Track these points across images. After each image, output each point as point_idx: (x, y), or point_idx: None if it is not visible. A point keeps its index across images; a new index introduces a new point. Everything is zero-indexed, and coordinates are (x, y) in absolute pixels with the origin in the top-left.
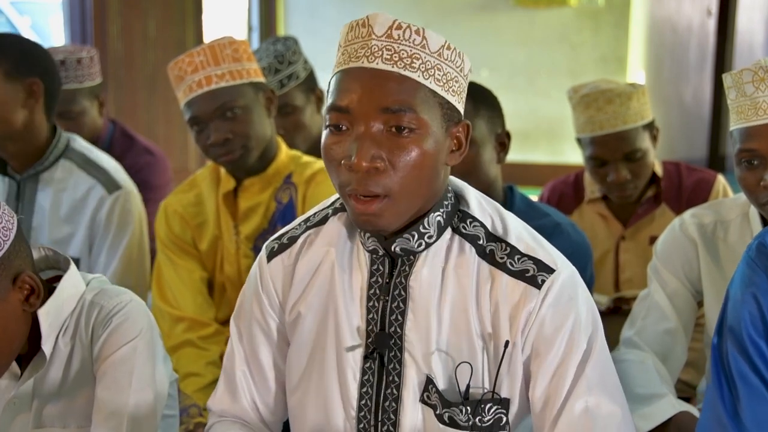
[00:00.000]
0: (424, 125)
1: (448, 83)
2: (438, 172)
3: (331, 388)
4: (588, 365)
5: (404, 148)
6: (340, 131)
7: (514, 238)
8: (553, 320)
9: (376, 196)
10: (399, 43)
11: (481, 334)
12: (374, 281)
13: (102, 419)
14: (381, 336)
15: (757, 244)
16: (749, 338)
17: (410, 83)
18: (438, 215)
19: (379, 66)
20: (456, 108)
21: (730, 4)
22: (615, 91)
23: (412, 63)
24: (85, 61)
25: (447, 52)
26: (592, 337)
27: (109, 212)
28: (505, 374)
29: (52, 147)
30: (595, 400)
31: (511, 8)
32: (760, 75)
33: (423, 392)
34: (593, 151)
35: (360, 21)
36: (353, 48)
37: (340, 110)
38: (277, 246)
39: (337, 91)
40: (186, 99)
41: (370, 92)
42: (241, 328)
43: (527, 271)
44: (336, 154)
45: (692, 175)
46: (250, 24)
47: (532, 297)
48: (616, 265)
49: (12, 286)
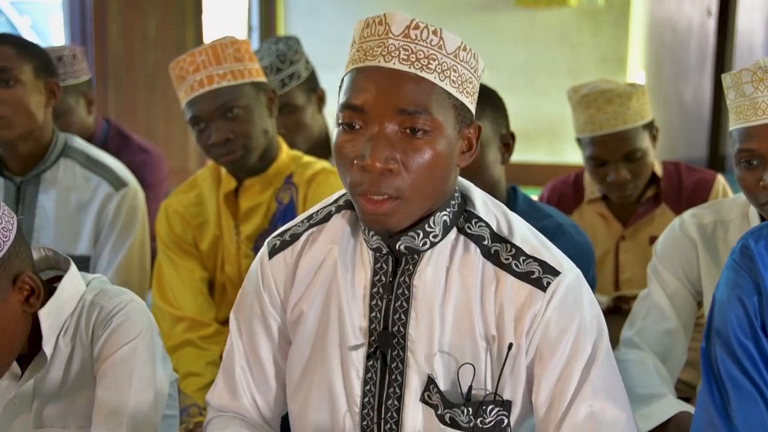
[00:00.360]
0: (438, 127)
1: (462, 84)
2: (449, 173)
3: (335, 386)
4: (593, 369)
5: (418, 150)
6: (354, 130)
7: (519, 239)
8: (558, 323)
9: (388, 197)
10: (416, 43)
11: (485, 335)
12: (377, 279)
13: (102, 419)
14: (384, 335)
15: (740, 247)
16: (737, 340)
17: (426, 84)
18: (444, 215)
19: (395, 66)
20: (469, 109)
21: (730, 4)
22: (615, 91)
23: (429, 64)
24: (66, 59)
25: (463, 53)
26: (597, 341)
27: (117, 209)
28: (508, 376)
29: (52, 146)
30: (600, 404)
31: (511, 8)
32: (759, 75)
33: (424, 392)
34: (593, 151)
35: (377, 19)
36: (369, 46)
37: (354, 109)
38: (279, 243)
39: (352, 89)
40: (187, 98)
41: (385, 92)
42: (240, 323)
43: (532, 272)
44: (348, 152)
45: (692, 175)
46: (250, 24)
47: (537, 299)
48: (616, 265)
49: (12, 286)
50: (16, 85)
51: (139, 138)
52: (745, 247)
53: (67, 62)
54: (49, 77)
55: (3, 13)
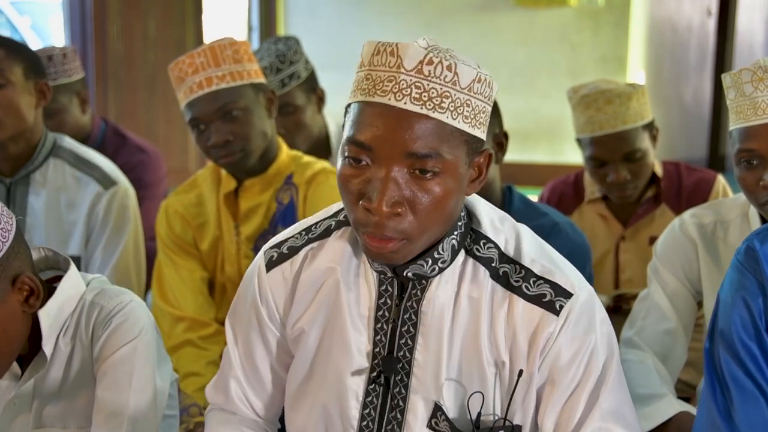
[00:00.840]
0: (448, 167)
1: (475, 117)
2: (458, 206)
3: (332, 409)
4: (602, 392)
5: (426, 191)
6: (360, 165)
7: (528, 260)
8: (571, 347)
9: (394, 238)
10: (429, 81)
11: (494, 361)
12: (383, 303)
13: (102, 419)
14: (389, 359)
15: (745, 248)
16: (740, 342)
17: (438, 125)
18: (452, 238)
19: (407, 106)
20: (481, 139)
21: (730, 4)
22: (615, 91)
23: (442, 103)
24: (57, 59)
25: (477, 86)
26: (608, 361)
27: (107, 208)
28: (519, 402)
29: (40, 146)
30: (609, 428)
31: (511, 8)
32: (759, 75)
33: (431, 419)
34: (593, 151)
35: (389, 48)
36: (379, 77)
37: (361, 146)
38: (276, 255)
39: (359, 123)
40: (187, 100)
41: (394, 134)
42: (237, 332)
43: (544, 295)
44: (353, 188)
45: (692, 175)
46: (250, 24)
47: (550, 323)
48: (616, 265)
49: (11, 287)
50: (7, 86)
51: (136, 137)
52: (750, 248)
53: (58, 61)
54: (38, 78)
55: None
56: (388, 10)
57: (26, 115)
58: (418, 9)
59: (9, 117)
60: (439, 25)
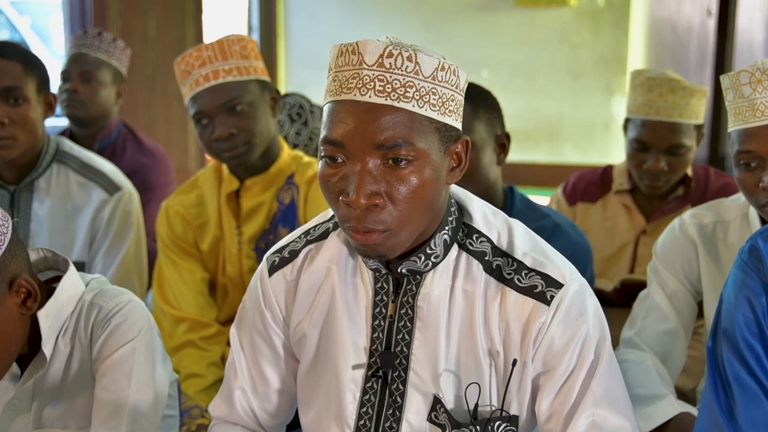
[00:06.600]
0: (421, 154)
1: (444, 105)
2: (439, 195)
3: (332, 407)
4: (594, 378)
5: (403, 180)
6: (336, 163)
7: (519, 253)
8: (563, 336)
9: (376, 230)
10: (391, 73)
11: (489, 351)
12: (379, 300)
13: (102, 420)
14: (387, 355)
15: (749, 247)
16: (744, 341)
17: (404, 114)
18: (444, 233)
19: (371, 99)
20: (453, 127)
21: (730, 4)
22: (681, 83)
23: (406, 93)
24: (119, 44)
25: (441, 74)
26: (600, 347)
27: (111, 214)
28: (514, 392)
29: (44, 153)
30: (603, 413)
31: (511, 8)
32: (757, 77)
33: (431, 412)
34: (641, 133)
35: (350, 47)
36: (344, 76)
37: (334, 143)
38: (278, 260)
39: (330, 123)
40: (192, 93)
41: (363, 127)
42: (242, 339)
43: (536, 287)
44: (333, 186)
45: (719, 179)
46: (250, 24)
47: (541, 313)
48: (634, 257)
49: (8, 290)
50: (24, 103)
51: (150, 142)
52: (754, 247)
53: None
54: (47, 90)
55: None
56: (388, 10)
57: (39, 130)
58: (418, 9)
59: (24, 134)
60: (439, 25)
